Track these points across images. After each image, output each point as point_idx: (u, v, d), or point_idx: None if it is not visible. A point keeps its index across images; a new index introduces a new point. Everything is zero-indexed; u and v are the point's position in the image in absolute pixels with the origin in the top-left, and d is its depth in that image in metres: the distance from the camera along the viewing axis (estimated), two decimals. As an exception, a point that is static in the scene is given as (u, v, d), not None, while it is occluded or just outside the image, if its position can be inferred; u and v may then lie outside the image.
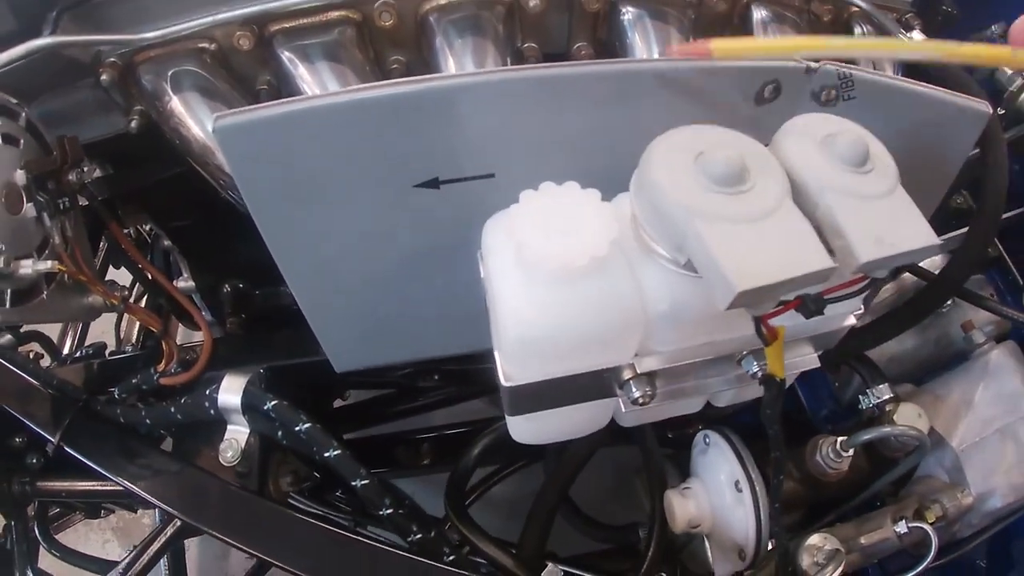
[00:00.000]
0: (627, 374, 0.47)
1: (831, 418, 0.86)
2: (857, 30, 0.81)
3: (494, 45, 0.67)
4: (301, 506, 0.85)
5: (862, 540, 0.63)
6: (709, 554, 0.71)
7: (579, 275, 0.41)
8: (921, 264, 0.77)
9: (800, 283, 0.38)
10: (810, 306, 0.41)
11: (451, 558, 0.62)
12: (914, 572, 0.61)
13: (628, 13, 0.71)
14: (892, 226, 0.42)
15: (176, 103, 0.67)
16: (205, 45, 0.67)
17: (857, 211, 0.42)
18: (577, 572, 0.68)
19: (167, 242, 0.91)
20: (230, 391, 0.68)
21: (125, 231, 0.89)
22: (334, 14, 0.67)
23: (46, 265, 0.65)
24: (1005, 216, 0.83)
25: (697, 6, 0.74)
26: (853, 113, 0.58)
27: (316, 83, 0.67)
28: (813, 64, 0.55)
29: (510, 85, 0.50)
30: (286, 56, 0.67)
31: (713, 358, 0.48)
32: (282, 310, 0.90)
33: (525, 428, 0.55)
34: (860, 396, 0.69)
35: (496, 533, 0.72)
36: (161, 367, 0.73)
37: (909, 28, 0.81)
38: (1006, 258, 0.86)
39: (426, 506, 0.74)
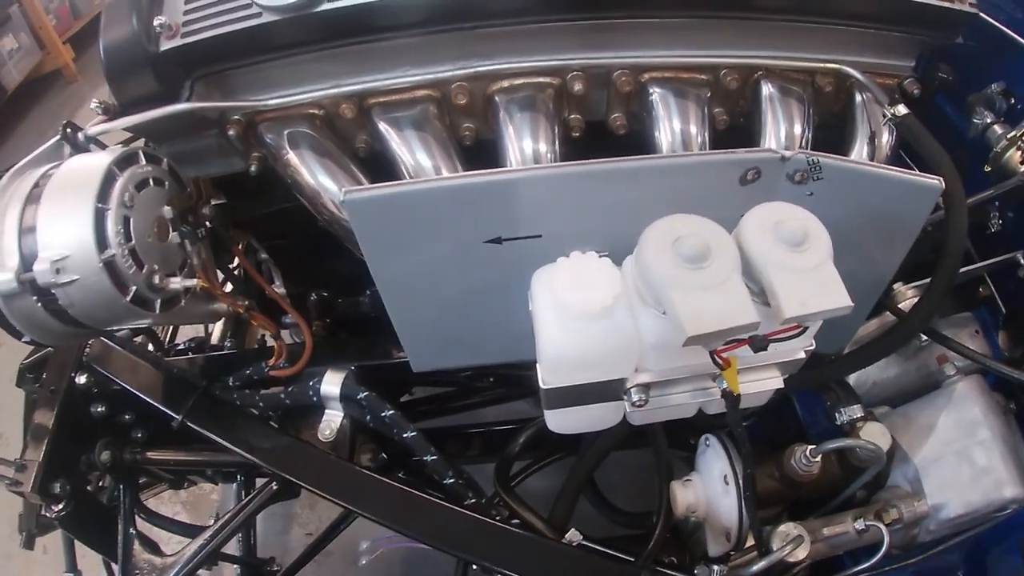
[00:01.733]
0: (628, 383, 0.68)
1: (824, 434, 1.03)
2: (858, 97, 0.98)
3: (545, 118, 0.89)
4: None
5: (824, 531, 0.81)
6: (707, 537, 0.91)
7: (595, 317, 0.62)
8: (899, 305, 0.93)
9: (735, 331, 0.57)
10: (757, 344, 0.61)
11: (497, 519, 0.84)
12: (868, 563, 0.79)
13: (655, 92, 0.91)
14: (816, 290, 0.60)
15: (292, 156, 0.90)
16: (315, 112, 0.91)
17: (789, 279, 0.60)
18: (593, 545, 0.89)
19: (263, 255, 1.16)
20: (331, 383, 0.92)
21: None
22: (420, 92, 0.90)
23: (192, 282, 0.90)
24: (996, 260, 0.98)
25: (713, 84, 0.93)
26: (821, 189, 0.76)
27: (405, 147, 0.89)
28: (787, 153, 0.73)
29: (556, 176, 0.71)
30: (382, 126, 0.91)
31: (690, 376, 0.69)
32: (360, 317, 1.14)
33: (558, 420, 0.76)
34: (835, 413, 0.87)
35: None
36: (272, 361, 0.98)
37: (907, 95, 0.98)
38: (996, 297, 1.00)
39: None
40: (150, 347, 1.23)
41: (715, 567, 0.83)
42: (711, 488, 0.86)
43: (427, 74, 0.89)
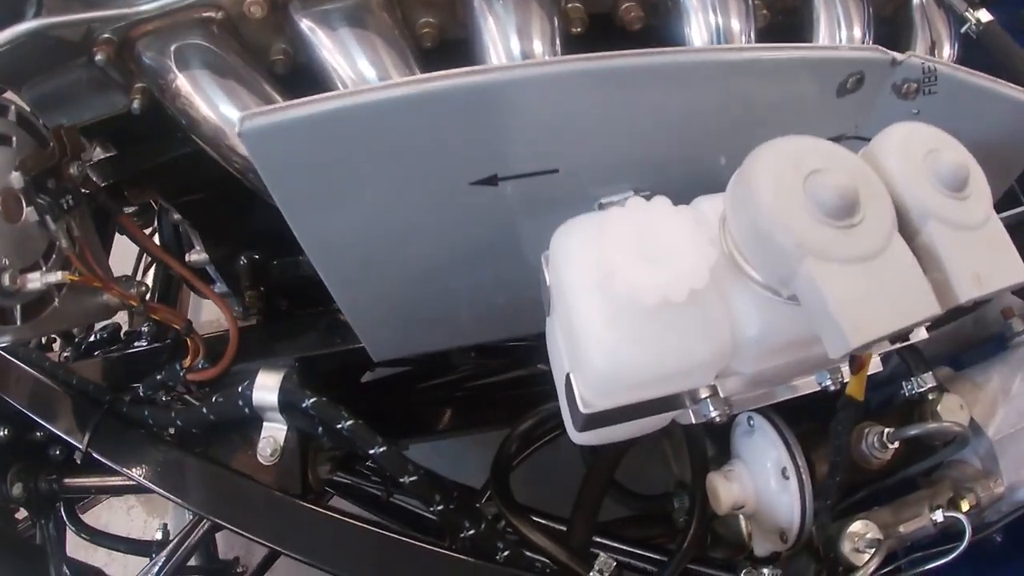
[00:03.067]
0: (704, 394, 0.47)
1: (877, 401, 0.87)
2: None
3: (539, 4, 0.62)
4: (336, 478, 0.85)
5: (900, 529, 0.66)
6: (744, 528, 0.74)
7: (677, 307, 0.39)
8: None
9: (910, 330, 0.37)
10: (898, 338, 0.41)
11: (506, 553, 0.63)
12: (947, 559, 0.65)
13: (686, -25, 0.65)
14: (988, 260, 0.41)
15: (182, 81, 0.60)
16: (211, 14, 0.60)
17: (956, 242, 0.40)
18: (622, 557, 0.71)
19: (177, 216, 0.86)
20: (265, 389, 0.66)
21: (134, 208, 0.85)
22: (358, -27, 0.60)
23: (56, 277, 0.61)
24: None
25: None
26: (930, 107, 0.56)
27: (340, 53, 0.61)
28: (899, 56, 0.52)
29: (572, 76, 0.46)
30: (306, 26, 0.61)
31: (789, 375, 0.48)
32: (302, 280, 0.87)
33: (586, 437, 0.55)
34: (903, 382, 0.70)
35: (539, 499, 0.73)
36: (187, 363, 0.71)
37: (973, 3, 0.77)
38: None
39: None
40: (56, 345, 0.93)
41: (765, 571, 0.67)
42: (762, 482, 0.69)
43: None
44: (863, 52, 0.52)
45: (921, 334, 0.51)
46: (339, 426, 0.65)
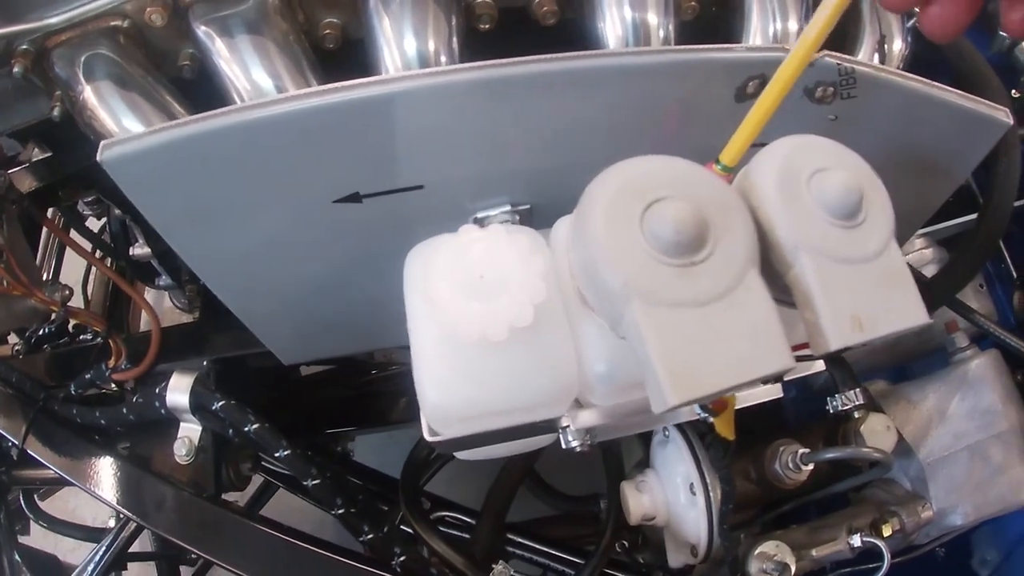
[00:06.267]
0: (564, 422, 0.41)
1: (798, 401, 0.81)
2: None
3: (438, 5, 0.55)
4: (269, 467, 0.83)
5: (814, 552, 0.59)
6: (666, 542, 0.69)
7: (502, 344, 0.34)
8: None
9: (750, 385, 0.30)
10: (769, 379, 0.34)
11: (402, 558, 0.60)
12: (861, 582, 0.58)
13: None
14: (876, 299, 0.34)
15: (88, 93, 0.56)
16: (118, 23, 0.55)
17: (835, 278, 0.33)
18: (541, 559, 0.67)
19: (117, 211, 0.83)
20: (178, 390, 0.63)
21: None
22: (256, -25, 0.55)
23: None
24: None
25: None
26: (851, 112, 0.48)
27: (235, 61, 0.55)
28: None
29: (445, 88, 0.40)
30: (203, 31, 0.56)
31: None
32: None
33: (464, 453, 0.50)
34: (828, 398, 0.63)
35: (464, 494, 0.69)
36: (111, 363, 0.68)
37: None
38: (1000, 246, 0.76)
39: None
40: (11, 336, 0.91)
41: (678, 586, 0.62)
42: (672, 495, 0.64)
43: (262, -59, 0.54)
44: (762, 52, 0.44)
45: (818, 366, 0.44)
46: (246, 429, 0.61)
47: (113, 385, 0.70)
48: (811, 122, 0.48)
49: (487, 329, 0.32)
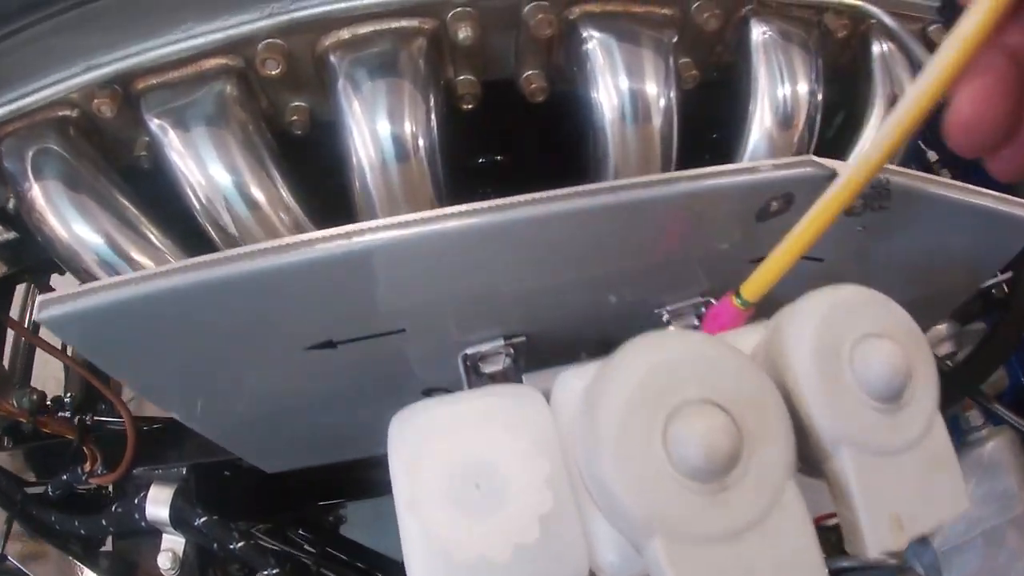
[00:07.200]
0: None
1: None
2: (875, 48, 0.61)
3: (414, 84, 0.48)
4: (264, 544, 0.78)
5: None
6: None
7: (505, 561, 0.29)
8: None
9: None
10: None
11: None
12: None
13: (591, 38, 0.51)
14: (916, 492, 0.30)
15: (37, 193, 0.50)
16: (67, 113, 0.49)
17: (877, 474, 0.29)
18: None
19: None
20: (157, 503, 0.59)
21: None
22: (210, 63, 0.48)
23: None
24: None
25: (681, 23, 0.54)
26: (880, 222, 0.43)
27: (190, 156, 0.49)
28: (840, 168, 0.39)
29: (430, 239, 0.35)
30: (155, 124, 0.50)
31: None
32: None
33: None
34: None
35: None
36: (87, 467, 0.63)
37: (931, 46, 0.61)
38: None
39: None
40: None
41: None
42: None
43: (219, 30, 0.47)
44: (791, 170, 0.39)
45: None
46: (231, 547, 0.57)
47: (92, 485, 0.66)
48: (837, 234, 0.43)
49: (486, 551, 0.28)
